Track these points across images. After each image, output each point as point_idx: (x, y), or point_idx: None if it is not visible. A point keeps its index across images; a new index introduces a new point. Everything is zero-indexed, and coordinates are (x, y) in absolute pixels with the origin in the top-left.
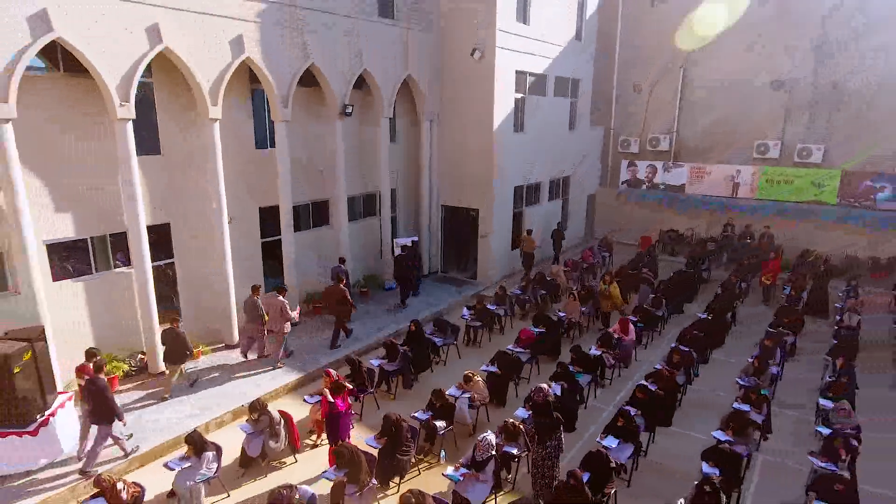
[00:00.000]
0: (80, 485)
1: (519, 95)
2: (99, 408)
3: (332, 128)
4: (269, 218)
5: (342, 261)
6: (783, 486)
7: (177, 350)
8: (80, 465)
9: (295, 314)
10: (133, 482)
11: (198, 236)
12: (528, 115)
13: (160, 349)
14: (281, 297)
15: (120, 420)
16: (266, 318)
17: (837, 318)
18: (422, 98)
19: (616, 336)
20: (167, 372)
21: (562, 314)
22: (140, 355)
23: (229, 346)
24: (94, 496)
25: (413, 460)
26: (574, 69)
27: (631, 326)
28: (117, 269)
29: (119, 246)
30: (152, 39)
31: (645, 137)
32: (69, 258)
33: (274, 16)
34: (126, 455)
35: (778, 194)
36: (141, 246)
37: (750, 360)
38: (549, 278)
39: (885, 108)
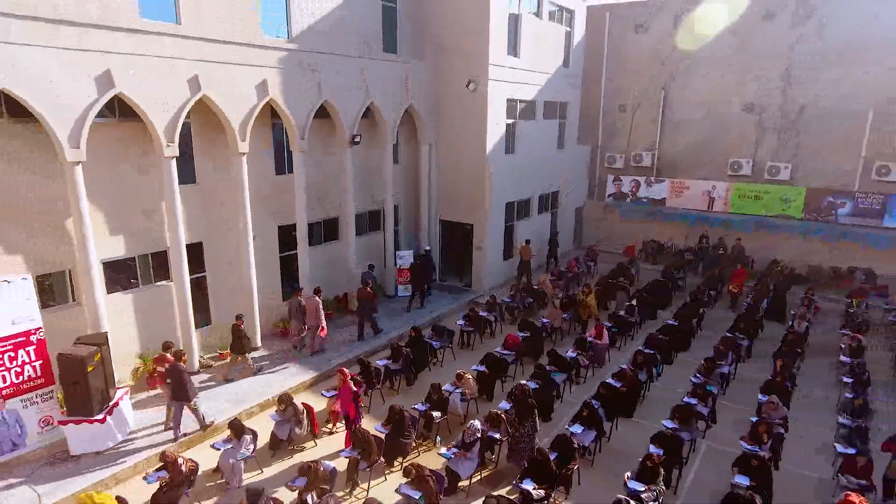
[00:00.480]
0: (142, 461)
1: (510, 121)
2: (178, 388)
3: (343, 155)
4: (286, 235)
5: (371, 267)
6: (721, 465)
7: (238, 343)
8: (135, 444)
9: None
10: (189, 458)
11: (226, 252)
12: (518, 137)
13: (195, 350)
14: (317, 298)
15: (195, 397)
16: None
17: (789, 324)
18: (422, 125)
19: (591, 340)
20: (228, 359)
21: (545, 320)
22: (179, 350)
23: (253, 348)
24: (158, 469)
25: (413, 444)
26: (562, 93)
27: (605, 331)
28: (158, 283)
29: (159, 263)
30: (193, 89)
31: (629, 154)
32: (119, 274)
33: (293, 61)
34: (203, 428)
35: (749, 208)
36: (181, 262)
37: (703, 361)
38: (536, 287)
39: (843, 131)
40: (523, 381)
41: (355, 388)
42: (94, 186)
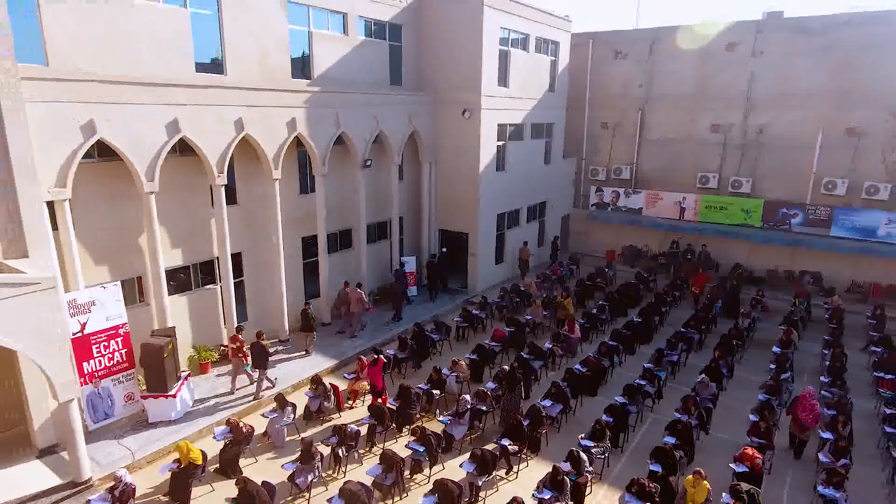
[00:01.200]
0: (206, 426)
1: (500, 143)
2: (259, 359)
3: (356, 176)
4: (309, 244)
5: (402, 264)
6: (661, 433)
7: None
8: (197, 414)
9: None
10: (247, 423)
11: (261, 260)
12: (508, 156)
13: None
14: (360, 290)
15: (267, 367)
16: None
17: (735, 321)
18: (423, 147)
19: (565, 333)
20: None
21: (528, 317)
22: (222, 346)
23: (282, 341)
24: (225, 429)
25: (418, 414)
26: (548, 115)
27: (576, 327)
28: (206, 287)
29: (207, 270)
30: (238, 129)
31: (610, 168)
32: (176, 279)
33: (316, 101)
34: (273, 385)
35: (715, 218)
36: (228, 269)
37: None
38: (522, 289)
39: (796, 151)
40: (506, 366)
41: (385, 360)
42: (161, 209)
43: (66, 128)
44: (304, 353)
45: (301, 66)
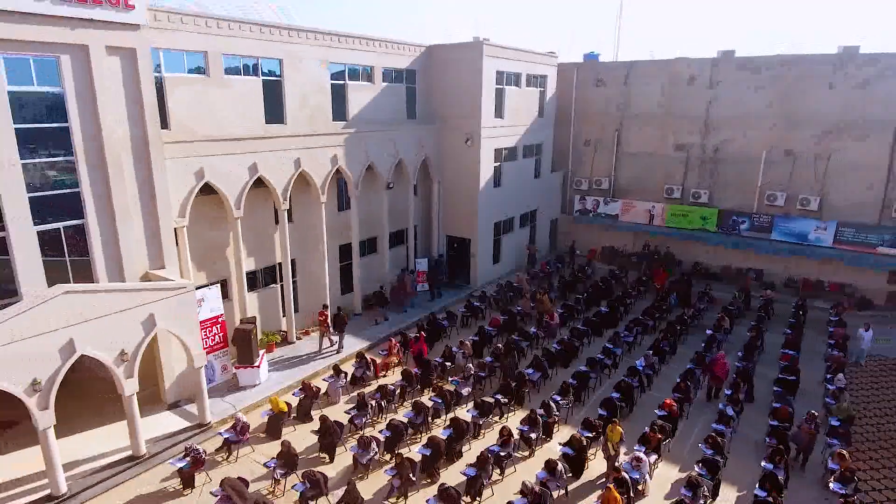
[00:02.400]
0: (280, 389)
1: (497, 164)
2: (339, 325)
3: (381, 195)
4: (344, 251)
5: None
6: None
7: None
8: (272, 381)
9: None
10: (315, 385)
11: (310, 265)
12: (503, 174)
13: (294, 327)
14: (409, 276)
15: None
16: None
17: (685, 310)
18: (433, 168)
19: (547, 321)
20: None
21: (519, 308)
22: (283, 332)
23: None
24: (300, 389)
25: (436, 379)
26: (538, 136)
27: (556, 315)
28: (270, 286)
29: (269, 273)
30: (296, 166)
31: (592, 179)
32: (250, 279)
33: (351, 139)
34: (340, 349)
35: (678, 223)
36: (288, 272)
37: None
38: (515, 284)
39: (745, 168)
40: (499, 345)
41: (422, 334)
42: (242, 228)
43: (185, 174)
44: (319, 349)
45: (339, 111)
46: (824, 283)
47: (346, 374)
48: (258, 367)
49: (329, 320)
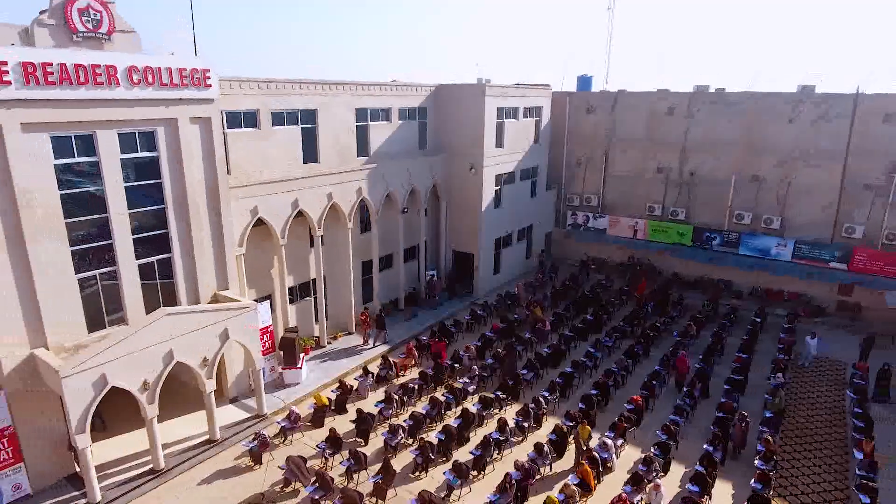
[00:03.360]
0: (319, 386)
1: (497, 188)
2: (381, 323)
3: (397, 218)
4: (366, 266)
5: (430, 276)
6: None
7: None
8: (311, 380)
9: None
10: (348, 384)
11: (337, 280)
12: (503, 196)
13: (325, 332)
14: (438, 280)
15: (385, 329)
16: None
17: (661, 317)
18: (441, 192)
19: (539, 327)
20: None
21: (516, 315)
22: (316, 337)
23: (350, 333)
24: (337, 387)
25: (446, 380)
26: (534, 160)
27: (548, 322)
28: (304, 298)
29: (304, 288)
30: (329, 199)
31: (582, 196)
32: (290, 294)
33: (372, 171)
34: (386, 341)
35: (659, 237)
36: (320, 287)
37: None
38: (513, 293)
39: (717, 189)
40: (500, 349)
41: (444, 340)
42: (285, 252)
43: (243, 212)
44: (364, 343)
45: (362, 147)
46: (784, 293)
47: (372, 374)
48: (300, 368)
49: (371, 319)
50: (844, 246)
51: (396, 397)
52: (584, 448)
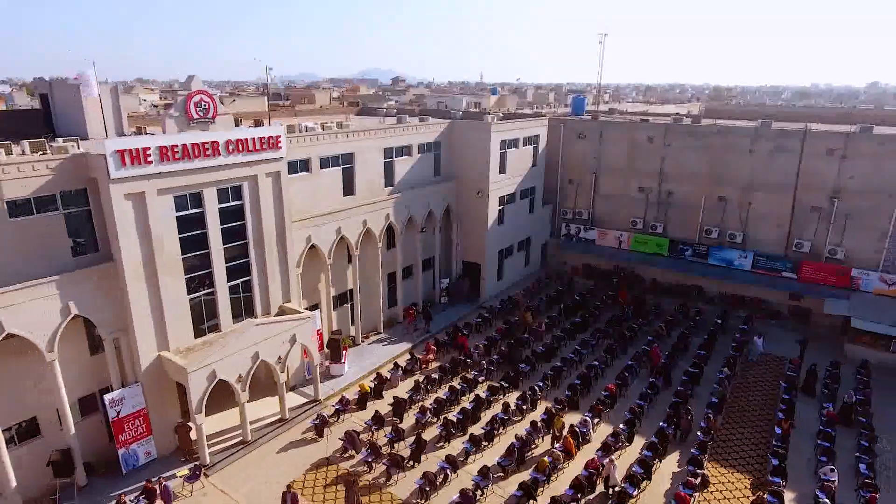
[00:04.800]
0: (362, 375)
1: (500, 208)
2: (427, 315)
3: (416, 236)
4: (390, 277)
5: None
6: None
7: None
8: (353, 372)
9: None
10: (385, 375)
11: (368, 290)
12: (505, 215)
13: (360, 331)
14: (464, 280)
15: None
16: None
17: (639, 320)
18: (452, 213)
19: (534, 329)
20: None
21: (516, 318)
22: (352, 337)
23: (377, 332)
24: (375, 377)
25: (461, 372)
26: (532, 182)
27: (543, 324)
28: (343, 305)
29: (342, 297)
30: (363, 225)
31: (575, 211)
32: (334, 302)
33: (396, 199)
34: (429, 330)
35: (641, 248)
36: (355, 295)
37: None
38: (514, 297)
39: (689, 207)
40: (503, 347)
41: (465, 335)
42: (363, 266)
43: (300, 240)
44: (410, 332)
45: (388, 179)
46: (745, 299)
47: (401, 367)
48: (343, 363)
49: (417, 313)
50: (795, 259)
51: (423, 385)
52: (557, 434)
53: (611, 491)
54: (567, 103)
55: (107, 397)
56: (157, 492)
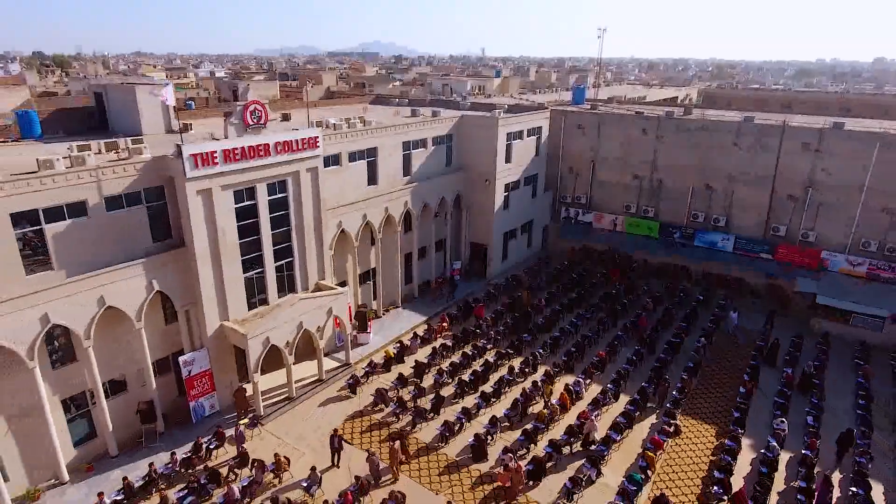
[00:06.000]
0: (386, 343)
1: (506, 194)
2: (452, 286)
3: (429, 222)
4: (407, 257)
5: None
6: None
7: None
8: (376, 341)
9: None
10: (405, 342)
11: (390, 269)
12: (510, 200)
13: (382, 303)
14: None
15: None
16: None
17: (629, 296)
18: (462, 200)
19: (536, 302)
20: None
21: (519, 294)
22: (374, 310)
23: (396, 306)
24: (398, 344)
25: (472, 340)
26: (535, 170)
27: (542, 300)
28: (366, 283)
29: (366, 275)
30: (385, 212)
31: (574, 196)
32: (360, 279)
33: (413, 188)
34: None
35: (634, 231)
36: (378, 273)
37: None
38: (518, 276)
39: (679, 193)
40: (508, 320)
41: (482, 304)
42: (384, 247)
43: (332, 226)
44: (436, 299)
45: (406, 170)
46: (726, 278)
47: (420, 336)
48: (369, 332)
49: (445, 282)
50: (772, 241)
51: (439, 351)
52: (547, 398)
53: (592, 447)
54: (569, 87)
55: (181, 359)
56: (227, 435)
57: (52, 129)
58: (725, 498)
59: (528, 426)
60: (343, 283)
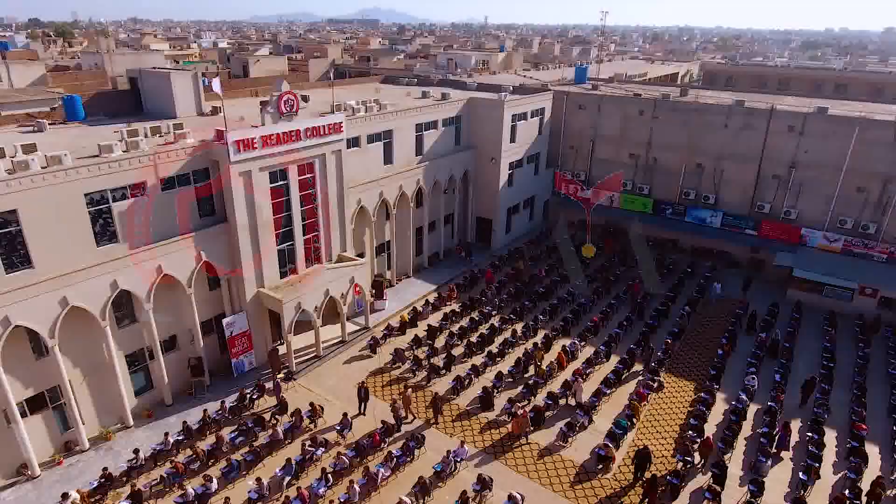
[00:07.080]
0: (401, 309)
1: (510, 172)
2: (468, 251)
3: (440, 197)
4: (418, 230)
5: (468, 244)
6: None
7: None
8: (388, 310)
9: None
10: (419, 309)
11: (403, 242)
12: (514, 178)
13: (395, 273)
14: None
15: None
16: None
17: (623, 267)
18: (470, 177)
19: (536, 273)
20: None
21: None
22: (388, 279)
23: (408, 276)
24: (412, 310)
25: (477, 306)
26: (538, 148)
27: (543, 270)
28: (381, 254)
29: (381, 247)
30: (400, 190)
31: (574, 172)
32: (376, 251)
33: (425, 166)
34: (470, 262)
35: (629, 206)
36: (392, 246)
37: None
38: (520, 248)
39: (673, 172)
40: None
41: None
42: (397, 221)
43: (352, 203)
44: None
45: (419, 150)
46: (713, 251)
47: (431, 303)
48: (385, 299)
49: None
50: (757, 218)
51: (449, 316)
52: (538, 363)
53: (579, 411)
54: (571, 62)
55: (225, 321)
56: (266, 387)
57: (94, 111)
58: (699, 440)
59: (530, 381)
60: (361, 255)
